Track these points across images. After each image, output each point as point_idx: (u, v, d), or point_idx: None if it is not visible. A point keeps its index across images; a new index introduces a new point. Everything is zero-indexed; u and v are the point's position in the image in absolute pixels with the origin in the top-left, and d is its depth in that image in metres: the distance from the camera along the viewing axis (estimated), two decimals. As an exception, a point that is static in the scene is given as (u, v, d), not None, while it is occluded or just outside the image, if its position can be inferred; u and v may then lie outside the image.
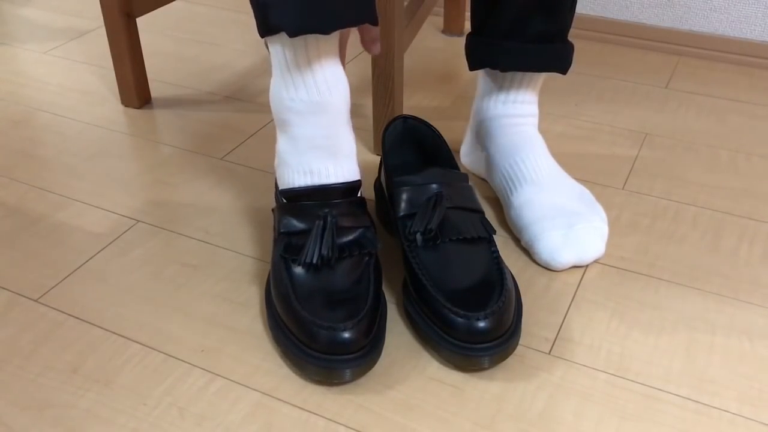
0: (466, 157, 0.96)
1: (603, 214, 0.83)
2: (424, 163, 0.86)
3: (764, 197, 0.92)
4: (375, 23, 0.70)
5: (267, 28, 0.68)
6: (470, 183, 0.78)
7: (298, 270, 0.70)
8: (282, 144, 0.74)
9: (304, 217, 0.72)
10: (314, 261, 0.69)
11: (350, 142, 0.74)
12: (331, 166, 0.73)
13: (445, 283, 0.69)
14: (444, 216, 0.73)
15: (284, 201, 0.74)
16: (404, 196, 0.75)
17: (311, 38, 0.68)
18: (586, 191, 0.85)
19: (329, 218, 0.71)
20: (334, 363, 0.64)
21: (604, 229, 0.81)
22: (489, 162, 0.89)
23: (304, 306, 0.66)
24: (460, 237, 0.72)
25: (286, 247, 0.71)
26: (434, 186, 0.75)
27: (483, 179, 0.94)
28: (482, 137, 0.90)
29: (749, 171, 0.97)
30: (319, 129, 0.72)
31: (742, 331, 0.73)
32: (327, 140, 0.72)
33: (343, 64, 0.74)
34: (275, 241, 0.74)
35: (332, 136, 0.72)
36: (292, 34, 0.66)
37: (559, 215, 0.81)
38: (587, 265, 0.81)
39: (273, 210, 0.77)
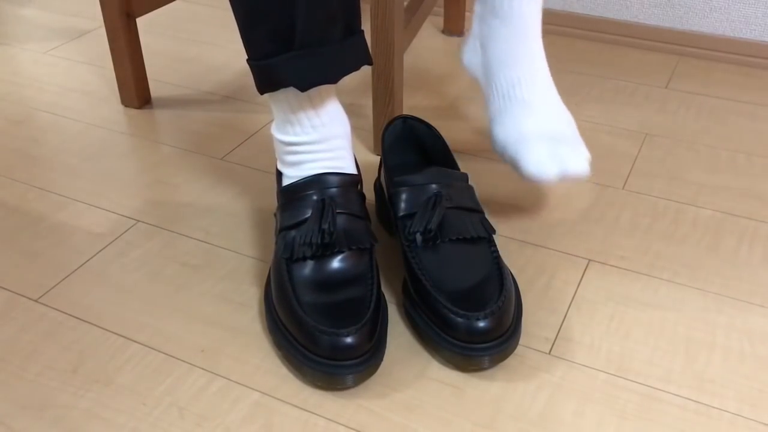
0: (465, 56, 0.91)
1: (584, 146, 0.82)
2: (424, 163, 0.86)
3: (764, 197, 0.92)
4: (371, 64, 0.76)
5: (272, 85, 0.71)
6: (470, 183, 0.78)
7: (299, 272, 0.70)
8: (285, 169, 0.77)
9: (303, 207, 0.73)
10: (316, 240, 0.69)
11: (352, 155, 0.78)
12: (329, 163, 0.75)
13: (445, 283, 0.69)
14: (444, 216, 0.73)
15: (285, 200, 0.75)
16: (404, 196, 0.75)
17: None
18: (572, 120, 0.84)
19: (327, 199, 0.72)
20: (336, 369, 0.64)
21: (586, 153, 0.81)
22: (486, 68, 0.86)
23: (305, 310, 0.66)
24: (460, 237, 0.72)
25: (287, 246, 0.71)
26: (434, 186, 0.75)
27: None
28: (484, 35, 0.87)
29: (749, 171, 0.97)
30: (321, 153, 0.75)
31: (742, 331, 0.73)
32: (329, 161, 0.75)
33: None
34: (276, 241, 0.74)
35: (337, 158, 0.76)
36: (304, 89, 0.70)
37: (545, 137, 0.80)
38: (587, 265, 0.81)
39: (275, 214, 0.77)
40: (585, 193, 0.93)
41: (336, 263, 0.70)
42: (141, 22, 1.42)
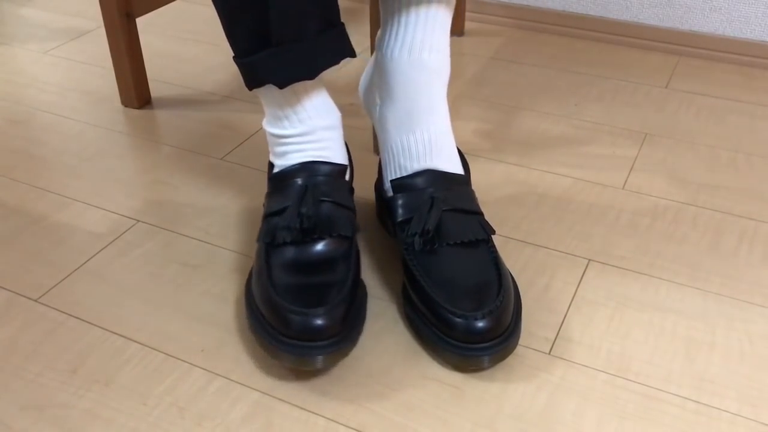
0: (363, 95, 0.84)
1: None
2: None
3: (764, 197, 0.92)
4: (353, 56, 0.74)
5: (255, 82, 0.72)
6: (471, 186, 0.78)
7: (278, 256, 0.70)
8: (275, 160, 0.78)
9: (287, 194, 0.73)
10: (293, 224, 0.70)
11: (342, 145, 0.78)
12: (315, 152, 0.76)
13: (444, 283, 0.69)
14: (442, 220, 0.73)
15: (271, 188, 0.76)
16: (401, 202, 0.75)
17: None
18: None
19: (310, 186, 0.73)
20: (305, 349, 0.64)
21: None
22: (381, 123, 0.78)
23: (279, 292, 0.67)
24: (458, 241, 0.72)
25: (268, 231, 0.72)
26: (431, 190, 0.75)
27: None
28: (379, 84, 0.79)
29: (749, 171, 0.97)
30: (308, 144, 0.75)
31: (742, 331, 0.73)
32: (316, 151, 0.75)
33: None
34: (260, 227, 0.74)
35: (325, 148, 0.76)
36: (282, 86, 0.70)
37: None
38: (587, 265, 0.81)
39: (264, 204, 0.77)
40: (585, 193, 0.93)
41: (315, 249, 0.71)
42: (141, 22, 1.42)
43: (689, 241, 0.84)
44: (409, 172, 0.76)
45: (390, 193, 0.77)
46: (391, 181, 0.77)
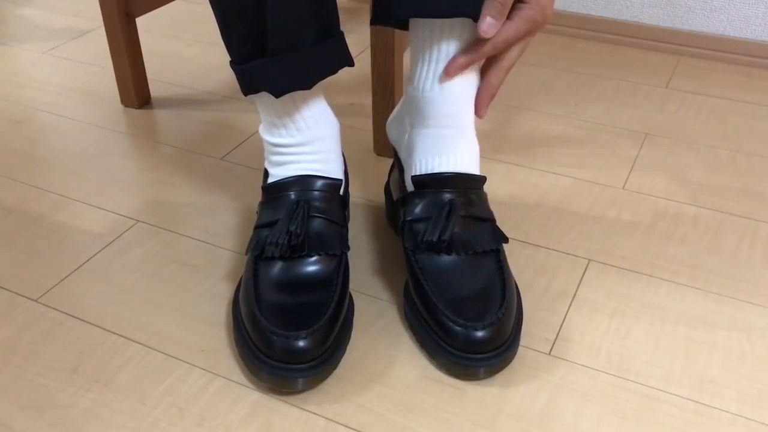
0: (390, 126, 0.83)
1: None
2: None
3: (764, 197, 0.92)
4: (351, 65, 0.73)
5: (251, 89, 0.72)
6: (484, 190, 0.77)
7: (266, 271, 0.70)
8: (271, 168, 0.77)
9: (279, 207, 0.73)
10: (281, 241, 0.70)
11: (339, 156, 0.77)
12: (312, 165, 0.75)
13: (447, 290, 0.69)
14: (455, 228, 0.72)
15: (265, 198, 0.75)
16: (417, 201, 0.74)
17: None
18: None
19: (302, 202, 0.72)
20: (286, 371, 0.64)
21: None
22: (410, 147, 0.77)
23: (262, 310, 0.66)
24: (469, 252, 0.72)
25: (258, 244, 0.72)
26: (450, 195, 0.73)
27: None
28: (410, 113, 0.77)
29: (749, 171, 0.97)
30: (309, 155, 0.75)
31: (742, 331, 0.73)
32: (313, 164, 0.75)
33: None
34: (251, 237, 0.74)
35: (321, 160, 0.75)
36: (277, 95, 0.70)
37: None
38: (587, 265, 0.81)
39: (257, 211, 0.77)
40: (585, 193, 0.93)
41: (303, 267, 0.70)
42: (141, 22, 1.42)
43: (689, 241, 0.84)
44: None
45: (411, 188, 0.76)
46: (412, 176, 0.75)
